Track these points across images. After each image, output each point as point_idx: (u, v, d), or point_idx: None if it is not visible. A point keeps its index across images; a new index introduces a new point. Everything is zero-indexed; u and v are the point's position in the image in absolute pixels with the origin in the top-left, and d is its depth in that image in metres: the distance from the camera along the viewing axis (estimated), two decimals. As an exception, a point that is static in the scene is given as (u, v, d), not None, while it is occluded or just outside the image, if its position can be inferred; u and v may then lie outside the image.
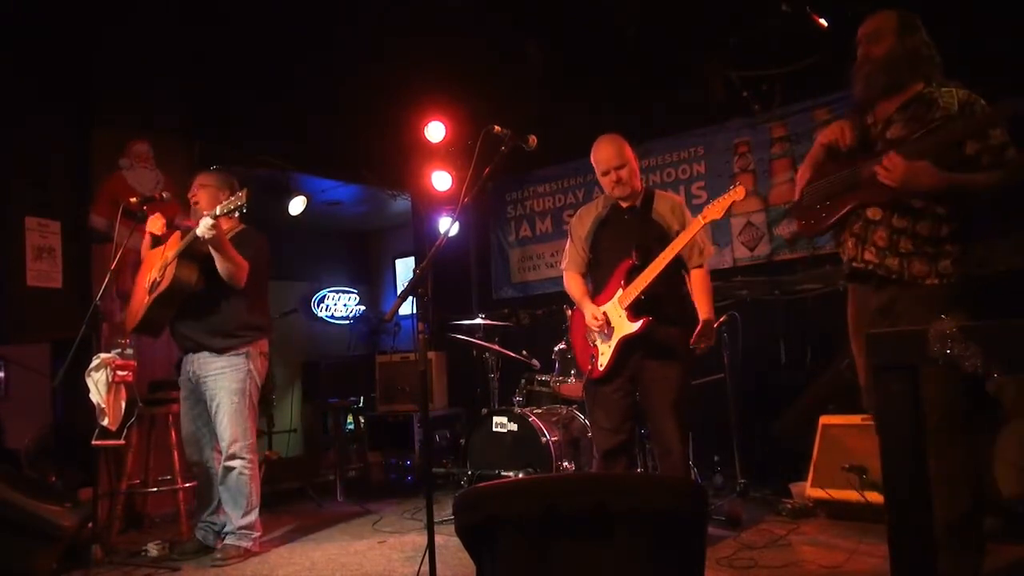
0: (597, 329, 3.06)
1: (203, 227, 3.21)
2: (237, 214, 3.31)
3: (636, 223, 3.12)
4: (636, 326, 2.92)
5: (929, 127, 2.32)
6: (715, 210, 2.85)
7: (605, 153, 3.11)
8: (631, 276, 2.98)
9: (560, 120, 4.76)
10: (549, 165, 5.71)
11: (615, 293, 3.03)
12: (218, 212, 3.23)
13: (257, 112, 5.04)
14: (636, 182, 3.15)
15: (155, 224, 3.59)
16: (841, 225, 2.51)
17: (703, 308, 3.00)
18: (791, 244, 4.70)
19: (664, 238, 3.03)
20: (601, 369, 3.04)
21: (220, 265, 3.32)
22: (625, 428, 3.06)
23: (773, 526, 3.51)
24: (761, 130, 4.91)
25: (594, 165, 3.18)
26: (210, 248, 3.28)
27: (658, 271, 2.90)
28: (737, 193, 2.84)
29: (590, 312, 3.09)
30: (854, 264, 2.46)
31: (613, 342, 3.00)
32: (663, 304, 2.99)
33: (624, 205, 3.17)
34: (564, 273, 3.33)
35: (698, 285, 3.07)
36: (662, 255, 2.92)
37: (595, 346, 3.09)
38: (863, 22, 2.51)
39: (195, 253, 3.39)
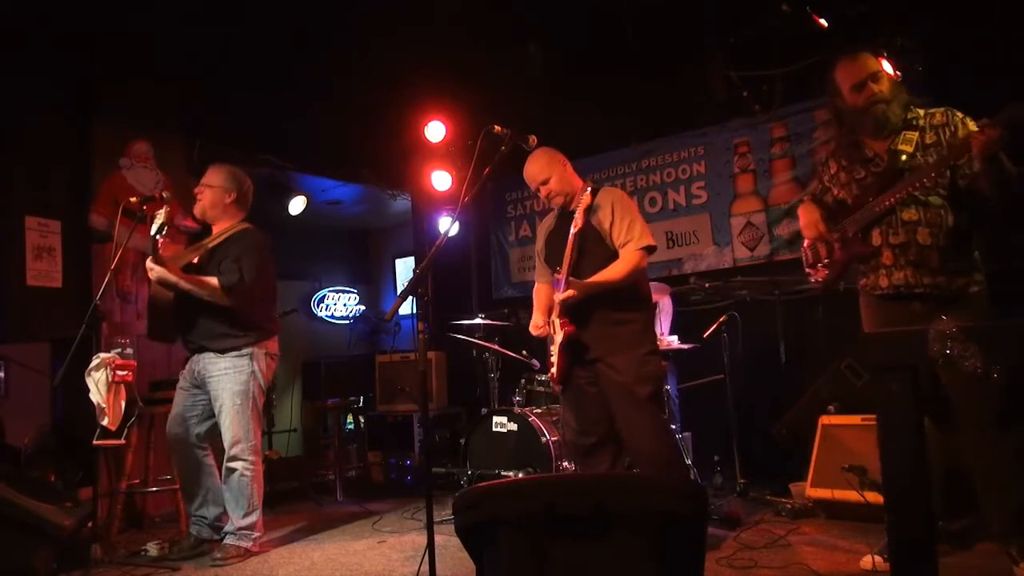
0: (537, 335, 3.19)
1: (150, 273, 3.28)
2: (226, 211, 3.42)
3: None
4: (562, 334, 2.97)
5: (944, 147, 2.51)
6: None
7: (529, 173, 3.16)
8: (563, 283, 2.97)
9: (560, 120, 4.75)
10: (549, 165, 5.70)
11: None
12: (152, 232, 3.24)
13: (257, 112, 5.04)
14: (569, 187, 3.13)
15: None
16: (875, 255, 2.64)
17: (600, 273, 2.93)
18: (791, 244, 4.71)
19: (598, 238, 3.02)
20: (555, 375, 3.09)
21: (193, 294, 3.34)
22: (597, 430, 3.04)
23: (773, 526, 3.50)
24: (761, 130, 4.91)
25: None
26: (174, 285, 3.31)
27: (565, 277, 2.89)
28: (586, 199, 2.95)
29: (532, 321, 3.21)
30: (901, 289, 2.58)
31: (557, 349, 3.03)
32: (603, 306, 2.95)
33: (569, 210, 3.16)
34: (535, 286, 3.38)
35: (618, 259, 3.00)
36: (564, 264, 2.93)
37: (552, 353, 3.13)
38: (845, 66, 2.62)
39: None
